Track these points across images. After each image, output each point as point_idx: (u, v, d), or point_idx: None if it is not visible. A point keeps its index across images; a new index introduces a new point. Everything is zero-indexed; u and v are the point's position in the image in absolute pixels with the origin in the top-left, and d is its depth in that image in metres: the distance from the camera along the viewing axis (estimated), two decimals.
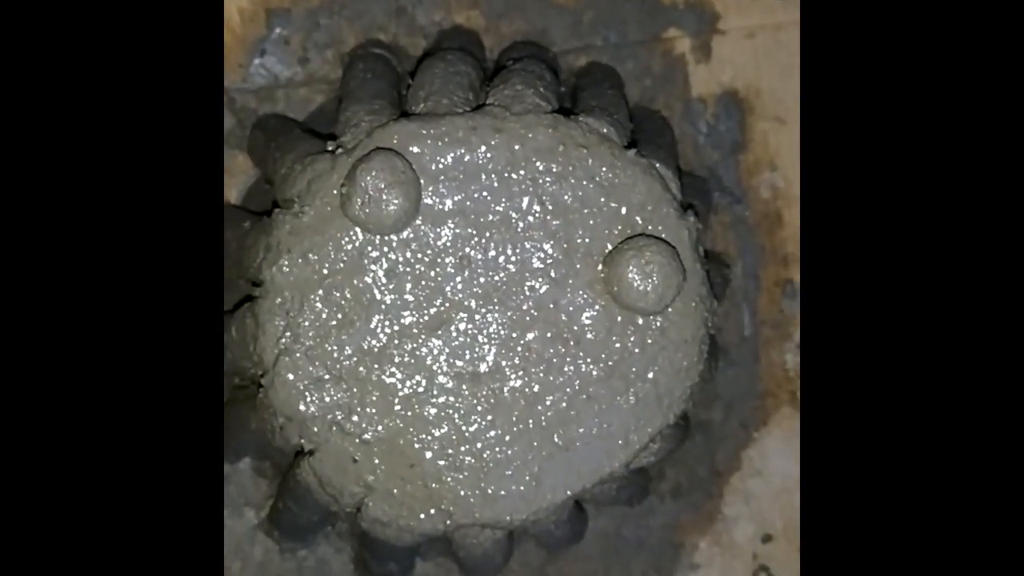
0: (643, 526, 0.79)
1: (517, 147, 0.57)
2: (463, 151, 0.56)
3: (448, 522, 0.57)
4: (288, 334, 0.56)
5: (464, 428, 0.56)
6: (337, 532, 0.74)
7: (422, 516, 0.56)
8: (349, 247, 0.56)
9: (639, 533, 0.79)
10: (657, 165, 0.59)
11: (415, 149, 0.56)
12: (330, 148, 0.58)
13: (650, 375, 0.58)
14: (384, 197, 0.53)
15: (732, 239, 0.78)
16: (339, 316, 0.56)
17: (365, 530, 0.60)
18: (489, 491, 0.57)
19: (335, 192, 0.55)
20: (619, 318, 0.58)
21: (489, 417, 0.57)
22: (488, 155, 0.57)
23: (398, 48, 0.74)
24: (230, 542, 0.74)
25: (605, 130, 0.59)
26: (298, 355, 0.56)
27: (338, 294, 0.56)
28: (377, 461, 0.56)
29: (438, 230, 0.56)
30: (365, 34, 0.74)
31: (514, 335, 0.57)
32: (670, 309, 0.58)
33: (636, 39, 0.79)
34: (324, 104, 0.74)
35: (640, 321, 0.58)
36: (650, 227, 0.58)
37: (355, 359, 0.56)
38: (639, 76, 0.79)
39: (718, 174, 0.82)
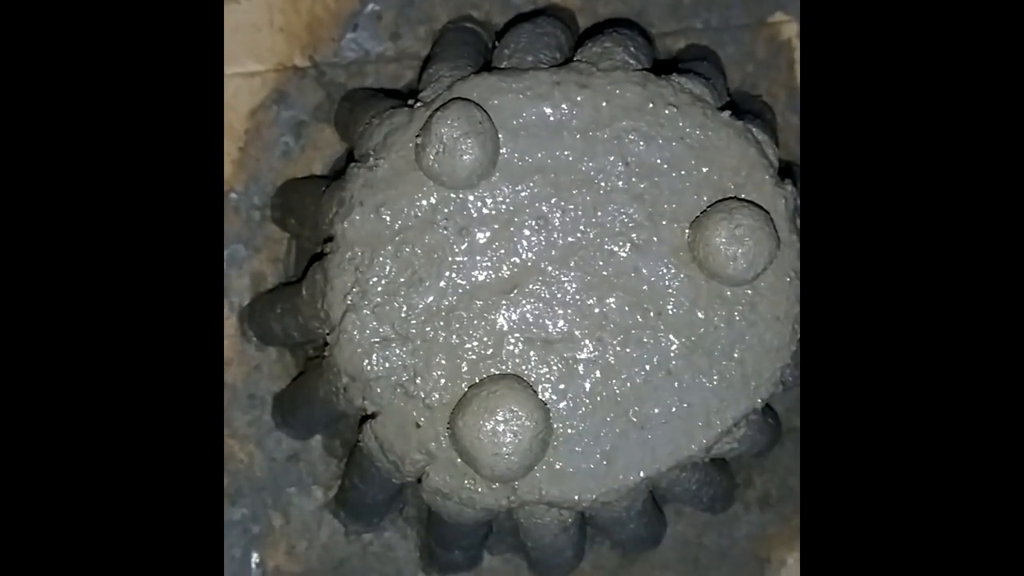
0: (726, 536, 0.74)
1: (603, 104, 0.54)
2: (546, 106, 0.54)
3: (512, 497, 0.53)
4: (356, 290, 0.54)
5: None
6: (404, 517, 0.72)
7: (484, 489, 0.53)
8: (423, 202, 0.54)
9: (722, 543, 0.74)
10: (753, 129, 0.56)
11: (496, 102, 0.54)
12: (410, 103, 0.57)
13: (736, 353, 0.54)
14: (459, 147, 0.51)
15: None
16: (409, 273, 0.54)
17: (427, 502, 0.57)
18: (557, 466, 0.53)
19: (411, 145, 0.54)
20: (705, 289, 0.54)
21: (560, 387, 0.53)
22: (572, 112, 0.54)
23: (490, 25, 0.72)
24: (297, 522, 0.73)
25: (698, 90, 0.56)
26: (365, 312, 0.54)
27: (409, 250, 0.54)
28: (440, 428, 0.53)
29: (516, 188, 0.54)
30: (458, 11, 0.73)
31: (591, 302, 0.54)
32: (761, 282, 0.54)
33: (739, 23, 0.76)
34: (413, 80, 0.73)
35: (728, 293, 0.54)
36: (743, 193, 0.54)
37: (423, 319, 0.54)
38: (741, 61, 0.76)
39: None
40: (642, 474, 0.53)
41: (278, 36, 0.72)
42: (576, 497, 0.53)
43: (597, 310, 0.54)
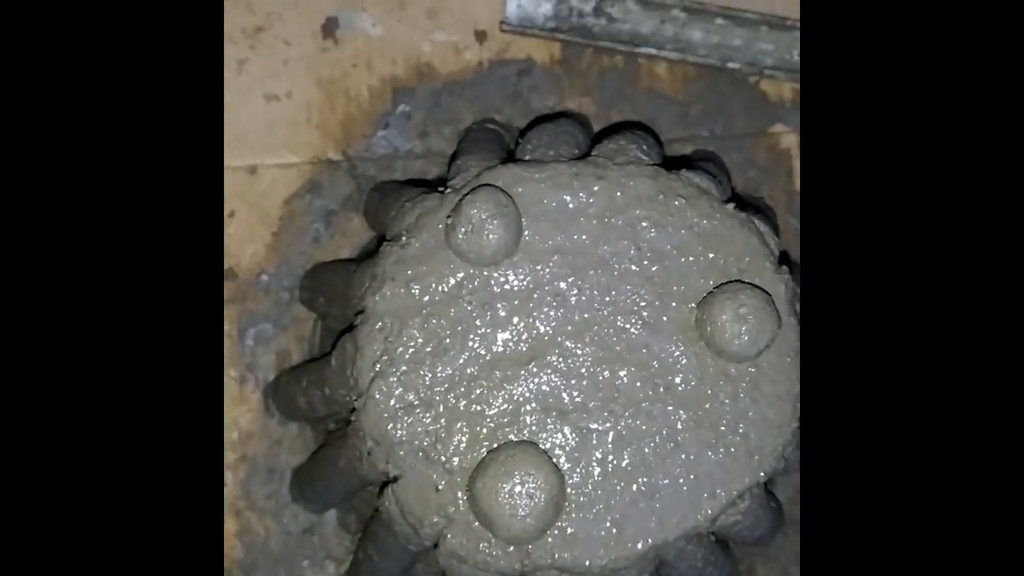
0: None
1: (618, 194, 0.59)
2: (566, 195, 0.59)
3: (525, 561, 0.55)
4: (385, 358, 0.57)
5: None
6: None
7: (499, 552, 0.55)
8: (450, 278, 0.58)
9: None
10: (755, 220, 0.60)
11: (520, 189, 0.58)
12: (440, 190, 0.61)
13: (741, 428, 0.57)
14: (487, 227, 0.55)
15: None
16: (434, 344, 0.57)
17: (443, 567, 0.59)
18: (569, 531, 0.55)
19: (441, 226, 0.58)
20: (711, 367, 0.57)
21: (574, 455, 0.56)
22: (589, 200, 0.59)
23: (511, 127, 0.78)
24: None
25: (704, 184, 0.60)
26: (392, 379, 0.57)
27: (435, 322, 0.58)
28: (459, 492, 0.56)
29: (536, 268, 0.58)
30: (482, 114, 0.79)
31: (604, 375, 0.57)
32: (764, 361, 0.57)
33: (742, 132, 0.81)
34: (438, 175, 0.78)
35: (733, 371, 0.57)
36: (746, 277, 0.58)
37: (446, 387, 0.57)
38: (744, 167, 0.81)
39: None
40: (651, 542, 0.56)
41: (315, 132, 0.78)
42: (587, 563, 0.55)
43: (609, 383, 0.57)
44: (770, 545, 0.75)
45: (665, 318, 0.58)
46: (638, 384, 0.57)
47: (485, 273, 0.58)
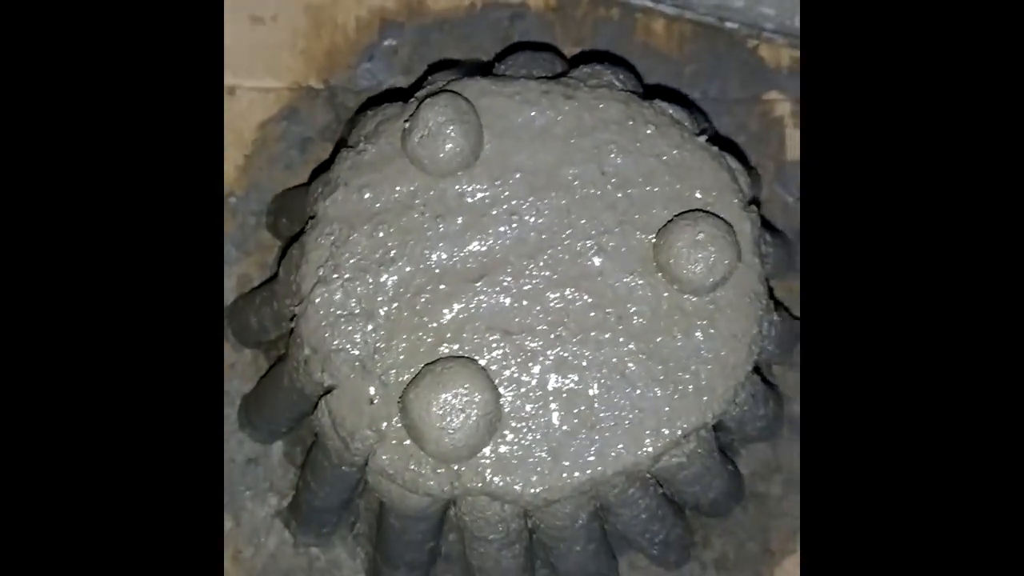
0: None
1: (586, 115, 0.57)
2: (532, 111, 0.57)
3: (455, 483, 0.53)
4: (329, 263, 0.55)
5: None
6: (354, 535, 0.71)
7: (428, 471, 0.53)
8: (404, 187, 0.56)
9: None
10: (727, 156, 0.58)
11: (485, 102, 0.57)
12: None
13: (692, 365, 0.54)
14: (443, 132, 0.54)
15: None
16: (381, 253, 0.55)
17: (372, 486, 0.56)
18: (503, 451, 0.53)
19: (399, 132, 0.56)
20: (667, 300, 0.55)
21: (515, 376, 0.54)
22: (557, 119, 0.57)
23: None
24: (247, 527, 0.72)
25: (677, 115, 0.58)
26: (334, 286, 0.55)
27: (384, 231, 0.56)
28: (393, 408, 0.54)
29: (495, 183, 0.56)
30: (470, 55, 0.77)
31: (555, 299, 0.55)
32: (721, 299, 0.55)
33: (736, 97, 0.79)
34: None
35: (688, 306, 0.55)
36: (711, 211, 0.56)
37: (389, 296, 0.55)
38: (734, 132, 0.79)
39: None
40: (588, 473, 0.53)
41: (298, 58, 0.76)
42: (519, 488, 0.53)
43: (560, 308, 0.55)
44: (728, 517, 0.72)
45: (624, 247, 0.56)
46: (591, 313, 0.55)
47: (441, 184, 0.56)
